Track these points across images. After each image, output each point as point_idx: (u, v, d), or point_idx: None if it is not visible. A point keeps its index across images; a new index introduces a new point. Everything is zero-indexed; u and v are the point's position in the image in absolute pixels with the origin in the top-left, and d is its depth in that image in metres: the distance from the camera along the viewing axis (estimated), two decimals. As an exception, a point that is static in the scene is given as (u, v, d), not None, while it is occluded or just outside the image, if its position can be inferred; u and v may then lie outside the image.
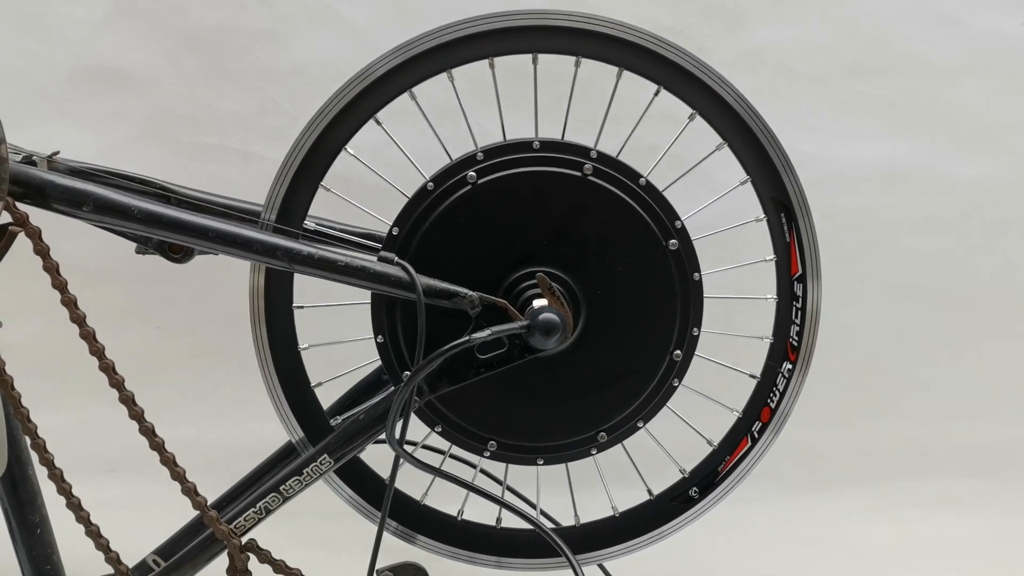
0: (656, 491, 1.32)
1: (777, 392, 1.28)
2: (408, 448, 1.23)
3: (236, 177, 2.00)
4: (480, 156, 1.20)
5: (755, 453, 1.29)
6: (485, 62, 1.22)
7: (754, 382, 1.30)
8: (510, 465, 1.29)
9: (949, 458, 2.03)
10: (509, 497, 1.34)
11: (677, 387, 1.25)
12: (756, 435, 1.29)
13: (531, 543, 1.31)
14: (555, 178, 1.20)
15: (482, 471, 1.36)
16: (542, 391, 1.24)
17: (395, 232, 1.21)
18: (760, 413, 1.30)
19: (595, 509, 1.33)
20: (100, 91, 2.02)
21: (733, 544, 1.77)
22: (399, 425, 1.19)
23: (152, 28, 2.02)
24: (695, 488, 1.30)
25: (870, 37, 2.08)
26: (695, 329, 1.23)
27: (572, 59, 1.23)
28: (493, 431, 1.25)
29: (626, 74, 1.23)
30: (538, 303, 1.18)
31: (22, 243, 1.13)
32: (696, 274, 1.22)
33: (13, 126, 1.11)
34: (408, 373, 1.21)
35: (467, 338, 1.15)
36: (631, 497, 1.31)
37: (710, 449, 1.31)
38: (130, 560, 1.25)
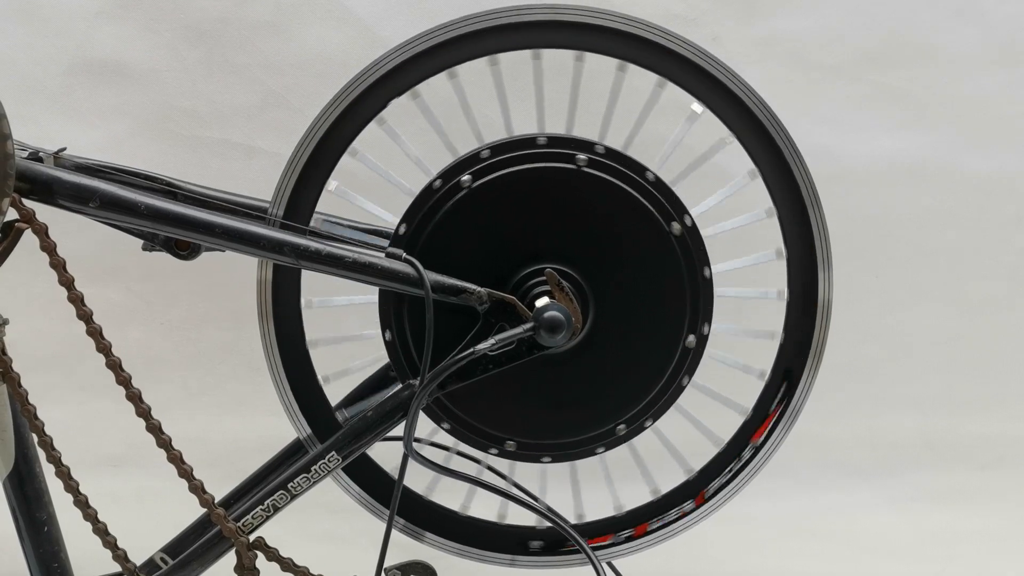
0: (663, 488, 1.35)
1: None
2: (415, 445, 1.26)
3: (239, 171, 2.01)
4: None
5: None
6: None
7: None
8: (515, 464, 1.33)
9: (958, 451, 2.06)
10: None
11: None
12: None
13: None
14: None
15: (489, 468, 1.40)
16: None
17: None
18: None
19: (599, 507, 1.36)
20: (99, 85, 2.03)
21: (739, 538, 1.80)
22: (405, 425, 1.22)
23: (151, 20, 2.02)
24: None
25: (888, 26, 2.07)
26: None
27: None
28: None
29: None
30: (541, 302, 1.21)
31: (24, 239, 1.17)
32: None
33: (11, 121, 1.14)
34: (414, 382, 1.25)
35: (471, 350, 1.18)
36: (636, 494, 1.35)
37: (717, 447, 1.35)
38: (137, 558, 1.28)
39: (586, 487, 1.37)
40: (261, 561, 1.26)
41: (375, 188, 1.35)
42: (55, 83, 2.04)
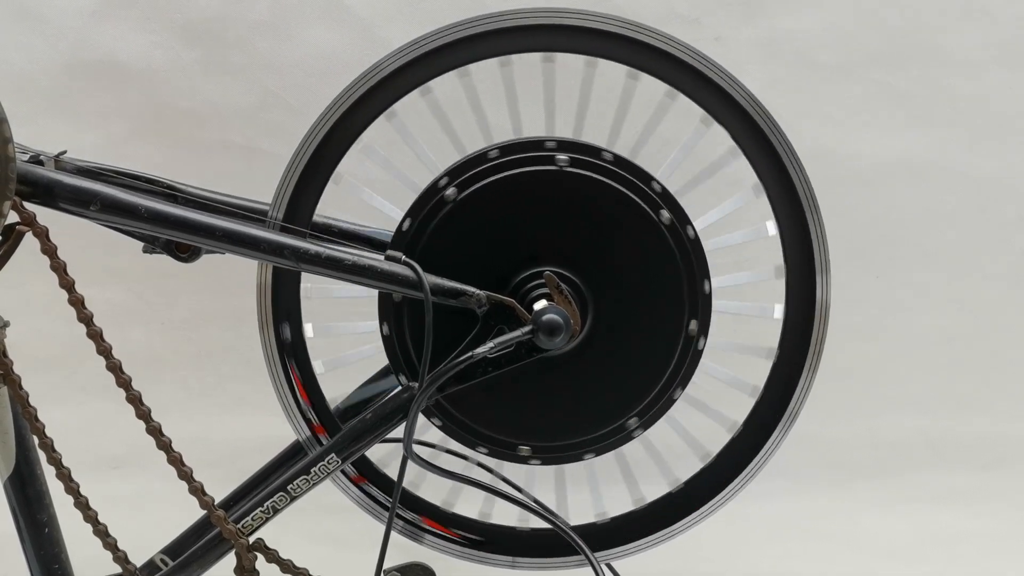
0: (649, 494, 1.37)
1: None
2: (418, 448, 1.28)
3: (239, 172, 2.02)
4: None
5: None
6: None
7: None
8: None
9: (959, 451, 2.08)
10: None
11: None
12: None
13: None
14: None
15: (488, 469, 1.41)
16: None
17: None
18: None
19: (598, 507, 1.38)
20: (96, 85, 2.04)
21: (739, 539, 1.82)
22: (405, 427, 1.24)
23: (148, 19, 2.04)
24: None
25: (893, 26, 2.09)
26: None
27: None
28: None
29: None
30: (539, 305, 1.22)
31: (25, 240, 1.18)
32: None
33: (8, 122, 1.16)
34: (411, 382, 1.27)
35: (470, 354, 1.20)
36: (634, 495, 1.37)
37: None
38: (137, 559, 1.29)
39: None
40: (261, 562, 1.28)
41: (376, 190, 1.37)
42: (51, 83, 2.05)
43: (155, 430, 1.24)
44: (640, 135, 1.30)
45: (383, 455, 1.38)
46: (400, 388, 1.29)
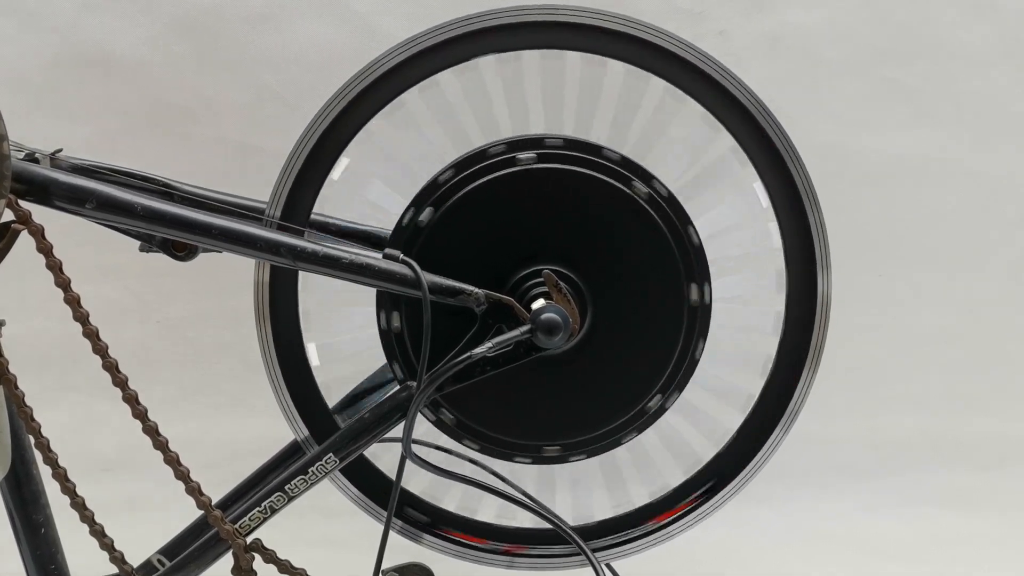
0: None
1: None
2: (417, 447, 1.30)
3: (235, 170, 2.03)
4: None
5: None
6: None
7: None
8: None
9: (960, 452, 2.09)
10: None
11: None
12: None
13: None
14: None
15: (490, 470, 1.41)
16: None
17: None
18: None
19: (596, 508, 1.40)
20: (87, 79, 2.05)
21: (739, 540, 1.83)
22: (403, 427, 1.25)
23: (140, 11, 2.04)
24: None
25: (899, 20, 2.11)
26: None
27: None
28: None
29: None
30: (536, 305, 1.23)
31: (21, 238, 1.18)
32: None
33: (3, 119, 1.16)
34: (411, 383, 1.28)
35: (468, 354, 1.21)
36: (633, 495, 1.39)
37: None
38: (134, 560, 1.30)
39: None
40: (259, 563, 1.29)
41: (373, 188, 1.38)
42: (41, 78, 2.05)
43: (151, 430, 1.24)
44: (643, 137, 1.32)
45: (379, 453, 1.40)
46: (399, 387, 1.30)
